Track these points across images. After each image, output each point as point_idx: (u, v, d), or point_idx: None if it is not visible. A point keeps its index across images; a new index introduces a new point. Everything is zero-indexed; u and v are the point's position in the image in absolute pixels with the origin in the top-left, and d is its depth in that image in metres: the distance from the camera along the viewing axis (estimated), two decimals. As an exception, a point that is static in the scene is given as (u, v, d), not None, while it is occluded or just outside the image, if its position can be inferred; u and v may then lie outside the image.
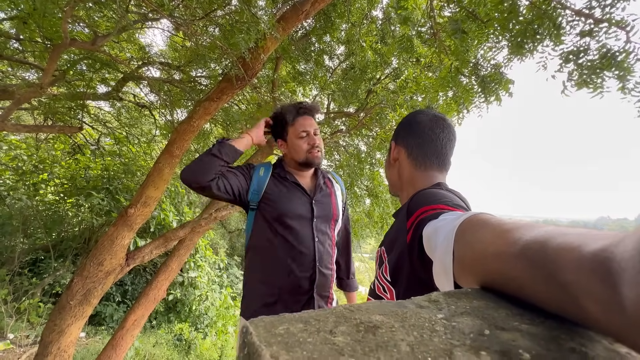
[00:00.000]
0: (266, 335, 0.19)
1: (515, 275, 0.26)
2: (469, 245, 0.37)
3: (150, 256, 2.72)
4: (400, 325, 0.21)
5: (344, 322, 0.21)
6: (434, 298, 0.27)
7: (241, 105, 4.45)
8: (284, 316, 0.22)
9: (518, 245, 0.26)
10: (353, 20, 3.25)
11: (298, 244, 1.13)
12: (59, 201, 4.75)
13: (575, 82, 2.11)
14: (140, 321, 3.23)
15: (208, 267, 6.25)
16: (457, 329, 0.20)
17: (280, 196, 1.18)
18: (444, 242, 0.43)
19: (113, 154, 4.71)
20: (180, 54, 3.92)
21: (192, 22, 2.24)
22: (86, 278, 2.33)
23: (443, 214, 0.52)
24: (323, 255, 1.16)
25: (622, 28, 1.91)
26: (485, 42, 2.41)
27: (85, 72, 3.57)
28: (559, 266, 0.20)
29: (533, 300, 0.24)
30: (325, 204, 1.24)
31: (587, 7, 1.95)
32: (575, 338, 0.19)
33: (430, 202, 0.59)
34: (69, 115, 3.81)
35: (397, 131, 0.81)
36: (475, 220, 0.40)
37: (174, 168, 2.63)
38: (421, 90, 3.41)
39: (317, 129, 1.25)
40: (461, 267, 0.38)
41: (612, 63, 1.95)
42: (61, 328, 2.26)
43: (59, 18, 2.28)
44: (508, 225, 0.32)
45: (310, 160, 1.22)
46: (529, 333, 0.20)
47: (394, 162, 0.80)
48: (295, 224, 1.15)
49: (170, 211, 4.90)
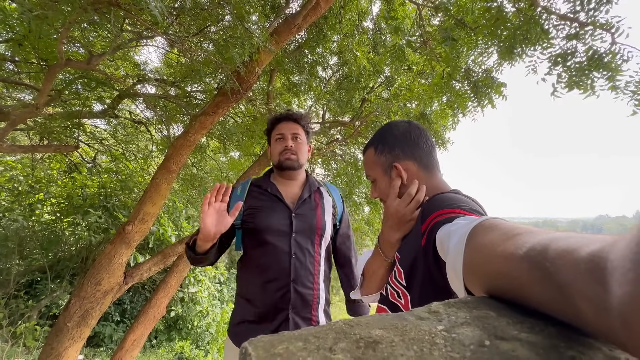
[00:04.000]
0: (265, 356, 0.19)
1: (517, 276, 0.26)
2: (478, 249, 0.37)
3: (149, 273, 2.69)
4: (400, 339, 0.21)
5: (343, 339, 0.21)
6: (434, 309, 0.27)
7: (237, 118, 4.48)
8: (284, 334, 0.21)
9: (524, 248, 0.26)
10: (345, 31, 3.31)
11: (273, 260, 1.08)
12: (56, 221, 4.70)
13: (566, 84, 2.15)
14: (139, 341, 3.16)
15: (208, 282, 6.17)
16: (457, 340, 0.20)
17: (258, 211, 1.14)
18: (456, 245, 0.42)
19: (110, 171, 4.70)
20: (175, 70, 3.97)
21: (186, 38, 2.28)
22: (84, 298, 2.29)
23: (458, 218, 0.51)
24: (300, 272, 1.09)
25: (607, 30, 1.96)
26: (475, 49, 2.46)
27: (80, 91, 3.59)
28: (557, 267, 0.20)
29: (532, 303, 0.24)
30: (308, 217, 1.15)
31: (571, 12, 2.00)
32: (574, 346, 0.19)
33: (445, 205, 0.59)
34: (64, 134, 3.82)
35: (392, 149, 0.74)
36: (487, 224, 0.40)
37: (171, 183, 2.62)
38: (415, 97, 3.45)
39: (296, 133, 1.21)
40: (469, 271, 0.38)
41: (600, 64, 1.99)
42: (58, 351, 2.21)
43: (54, 39, 2.31)
44: (518, 229, 0.32)
45: (282, 162, 1.18)
46: (528, 342, 0.20)
47: (411, 180, 0.72)
48: (272, 239, 1.09)
49: (168, 226, 4.87)
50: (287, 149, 1.18)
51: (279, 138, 1.21)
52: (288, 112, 1.24)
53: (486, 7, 2.19)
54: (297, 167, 1.20)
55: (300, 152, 1.21)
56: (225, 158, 6.24)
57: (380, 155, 0.76)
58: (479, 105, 2.76)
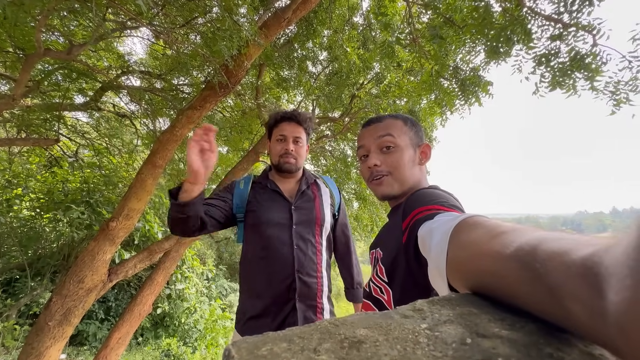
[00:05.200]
0: (249, 358, 0.18)
1: (505, 275, 0.26)
2: (462, 246, 0.37)
3: (134, 270, 2.64)
4: (385, 338, 0.21)
5: (328, 339, 0.21)
6: (419, 307, 0.27)
7: (225, 112, 4.41)
8: (268, 335, 0.21)
9: (512, 247, 0.26)
10: (335, 26, 3.29)
11: (276, 252, 1.12)
12: (35, 217, 4.53)
13: (549, 83, 2.20)
14: (125, 339, 3.11)
15: (196, 278, 6.10)
16: (440, 339, 0.21)
17: (260, 205, 1.18)
18: (439, 243, 0.43)
19: (93, 165, 4.55)
20: (161, 62, 3.86)
21: (172, 30, 2.21)
22: (66, 297, 2.23)
23: (438, 215, 0.52)
24: (304, 262, 1.13)
25: (589, 32, 2.01)
26: (463, 47, 2.49)
27: (61, 83, 3.46)
28: (547, 269, 0.20)
29: (520, 303, 0.24)
30: (307, 209, 1.20)
31: (555, 12, 2.05)
32: (552, 343, 0.20)
33: (426, 202, 0.59)
34: (44, 127, 3.67)
35: (419, 132, 0.79)
36: (470, 222, 0.40)
37: (157, 179, 2.57)
38: (404, 94, 3.47)
39: (298, 137, 1.23)
40: (454, 268, 0.38)
41: (581, 65, 2.05)
42: (39, 351, 2.15)
43: (32, 27, 2.21)
44: (503, 227, 0.32)
45: (280, 165, 1.21)
46: (509, 339, 0.20)
47: (424, 163, 0.78)
48: (274, 232, 1.13)
49: (155, 223, 4.77)
50: (288, 152, 1.20)
51: (281, 139, 1.22)
52: (293, 112, 1.25)
53: (474, 6, 2.21)
54: (295, 170, 1.24)
55: (300, 156, 1.24)
56: (213, 153, 6.13)
57: (410, 129, 0.77)
58: (466, 103, 2.80)
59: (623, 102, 2.03)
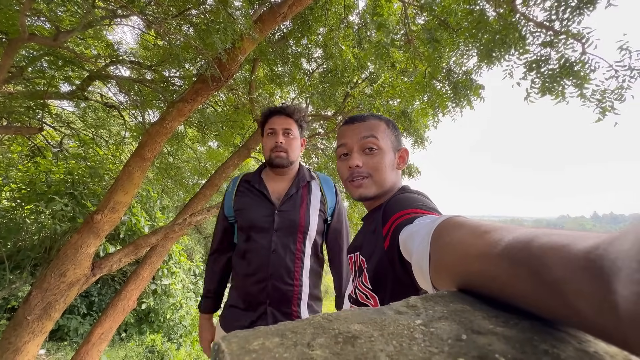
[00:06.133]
0: (239, 353, 0.18)
1: (496, 274, 0.25)
2: (445, 248, 0.37)
3: (118, 265, 2.58)
4: (380, 334, 0.20)
5: (322, 334, 0.20)
6: (412, 303, 0.27)
7: (217, 106, 4.34)
8: (259, 330, 0.20)
9: (500, 245, 0.26)
10: (330, 24, 3.28)
11: (254, 255, 1.11)
12: (16, 208, 4.38)
13: (539, 89, 2.25)
14: (108, 334, 3.04)
15: (183, 274, 6.01)
16: (436, 335, 0.20)
17: (245, 208, 1.17)
18: (420, 246, 0.43)
19: (78, 156, 4.42)
20: (152, 52, 3.77)
21: (164, 20, 2.16)
22: (46, 290, 2.16)
23: (418, 218, 0.52)
24: (280, 269, 1.10)
25: (578, 40, 2.06)
26: (457, 50, 2.52)
27: (46, 70, 3.34)
28: (544, 264, 0.20)
29: (514, 300, 0.24)
30: (290, 214, 1.15)
31: (547, 20, 2.09)
32: (547, 340, 0.20)
33: (405, 206, 0.60)
34: (27, 115, 3.54)
35: (398, 136, 0.80)
36: (451, 222, 0.40)
37: (145, 172, 2.51)
38: (397, 94, 3.49)
39: (287, 128, 1.19)
40: (438, 270, 0.38)
41: (570, 72, 2.10)
42: (17, 346, 2.08)
43: (16, 11, 2.12)
44: (486, 226, 0.32)
45: (272, 159, 1.18)
46: (504, 336, 0.20)
47: (402, 167, 0.80)
48: (256, 236, 1.13)
49: (141, 216, 4.68)
50: (277, 145, 1.17)
51: (271, 133, 1.20)
52: (281, 106, 1.22)
53: (469, 10, 2.24)
54: (287, 165, 1.19)
55: (291, 149, 1.19)
56: (203, 148, 6.05)
57: (391, 132, 0.78)
58: (457, 105, 2.84)
59: (608, 110, 2.09)
